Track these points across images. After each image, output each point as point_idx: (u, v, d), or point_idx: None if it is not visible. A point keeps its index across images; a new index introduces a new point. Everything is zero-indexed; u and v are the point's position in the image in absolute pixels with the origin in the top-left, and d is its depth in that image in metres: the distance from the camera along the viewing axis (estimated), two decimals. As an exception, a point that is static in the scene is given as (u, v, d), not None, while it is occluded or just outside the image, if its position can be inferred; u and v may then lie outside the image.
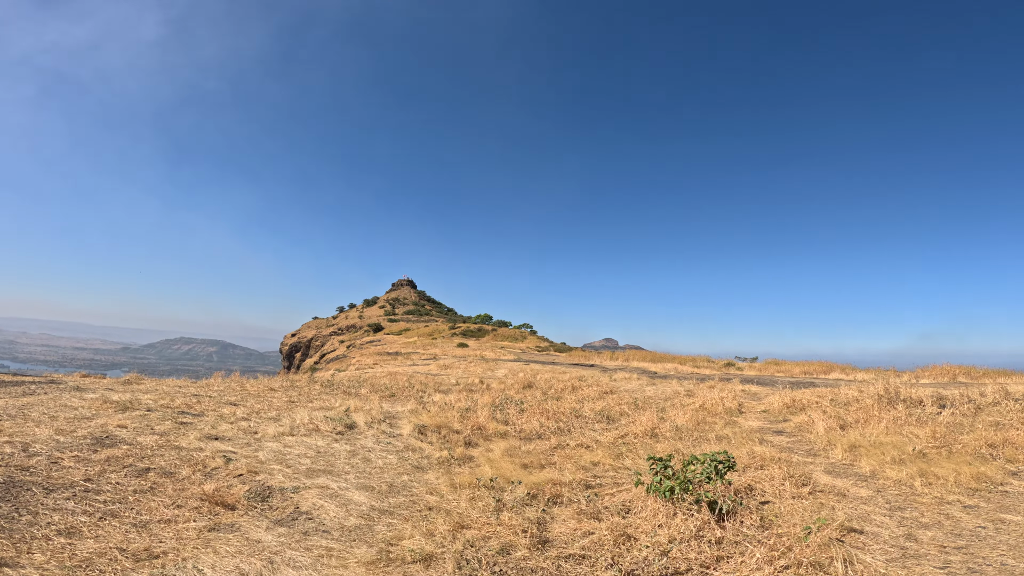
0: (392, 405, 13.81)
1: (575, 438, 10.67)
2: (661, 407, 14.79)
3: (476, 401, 14.69)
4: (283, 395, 14.57)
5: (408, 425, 10.42)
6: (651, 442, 10.40)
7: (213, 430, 8.75)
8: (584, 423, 12.53)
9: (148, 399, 11.77)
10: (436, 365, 35.22)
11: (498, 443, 10.21)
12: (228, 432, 8.71)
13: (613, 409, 14.32)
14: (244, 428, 9.18)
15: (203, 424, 9.14)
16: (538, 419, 12.53)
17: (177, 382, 17.17)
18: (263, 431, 8.98)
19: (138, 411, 9.83)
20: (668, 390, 20.16)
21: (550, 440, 10.56)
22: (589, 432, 11.30)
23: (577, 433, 11.25)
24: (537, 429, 11.51)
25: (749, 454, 8.22)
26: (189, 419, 9.50)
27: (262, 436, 8.70)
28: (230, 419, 9.86)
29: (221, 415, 10.27)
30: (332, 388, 17.22)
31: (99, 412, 9.43)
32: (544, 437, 10.99)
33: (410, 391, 17.34)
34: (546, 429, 11.55)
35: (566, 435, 11.09)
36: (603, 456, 8.84)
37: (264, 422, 9.89)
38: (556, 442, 10.31)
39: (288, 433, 8.92)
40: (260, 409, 11.49)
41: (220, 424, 9.26)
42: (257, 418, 10.31)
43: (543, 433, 11.32)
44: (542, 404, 14.50)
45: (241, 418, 10.14)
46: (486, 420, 11.85)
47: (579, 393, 18.45)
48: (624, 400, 16.42)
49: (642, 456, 8.79)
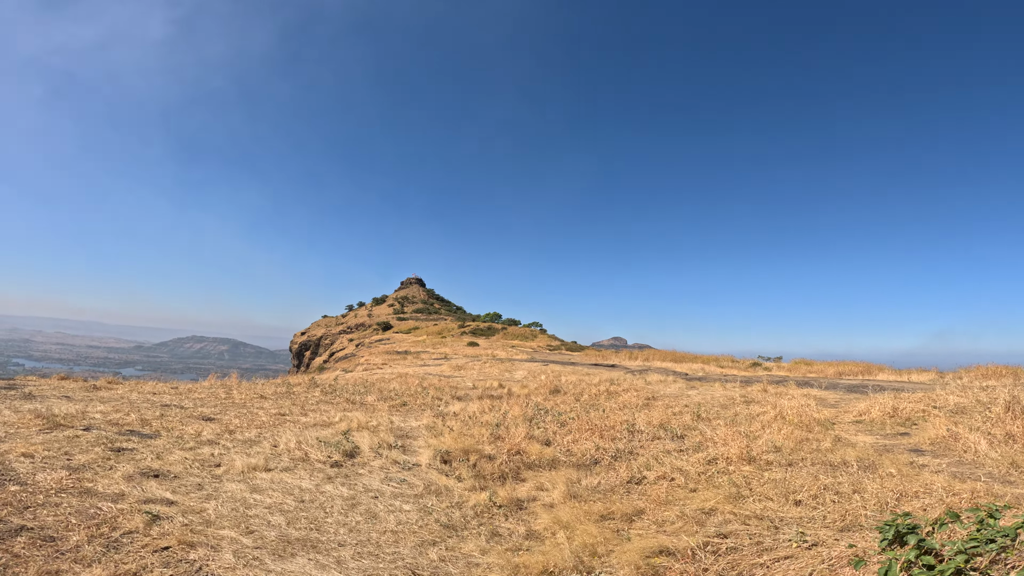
0: (404, 418, 11.27)
1: (647, 465, 8.06)
2: (732, 419, 12.10)
3: (504, 413, 12.12)
4: (273, 405, 12.09)
5: (427, 450, 7.87)
6: (753, 470, 7.75)
7: (157, 461, 6.26)
8: (646, 440, 9.90)
9: (100, 411, 9.34)
10: (448, 365, 32.75)
11: (548, 475, 7.65)
12: (178, 465, 6.21)
13: (672, 421, 11.65)
14: (204, 458, 6.68)
15: (148, 451, 6.66)
16: (588, 437, 9.94)
17: (155, 386, 14.79)
18: (229, 463, 6.47)
19: (70, 430, 7.40)
20: (717, 395, 17.46)
21: (616, 469, 7.97)
22: (661, 455, 8.69)
23: (645, 456, 8.64)
24: (592, 452, 8.91)
25: (946, 491, 5.53)
26: (133, 443, 7.02)
27: (225, 471, 6.19)
28: (190, 443, 7.37)
29: (181, 436, 7.79)
30: (334, 394, 14.73)
31: (17, 432, 7.00)
32: (605, 463, 8.41)
33: (424, 398, 14.80)
34: (603, 452, 8.95)
35: (632, 459, 8.50)
36: (711, 497, 6.21)
37: (236, 447, 7.40)
38: (626, 472, 7.70)
39: (263, 467, 6.40)
40: (238, 426, 9.01)
41: (172, 451, 6.76)
42: (228, 440, 7.82)
43: (600, 457, 8.72)
44: (585, 416, 11.90)
45: (207, 440, 7.65)
46: (524, 440, 9.28)
47: (618, 400, 15.80)
48: (675, 408, 13.76)
49: (770, 496, 6.14)
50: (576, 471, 7.97)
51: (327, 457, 7.19)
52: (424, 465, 7.36)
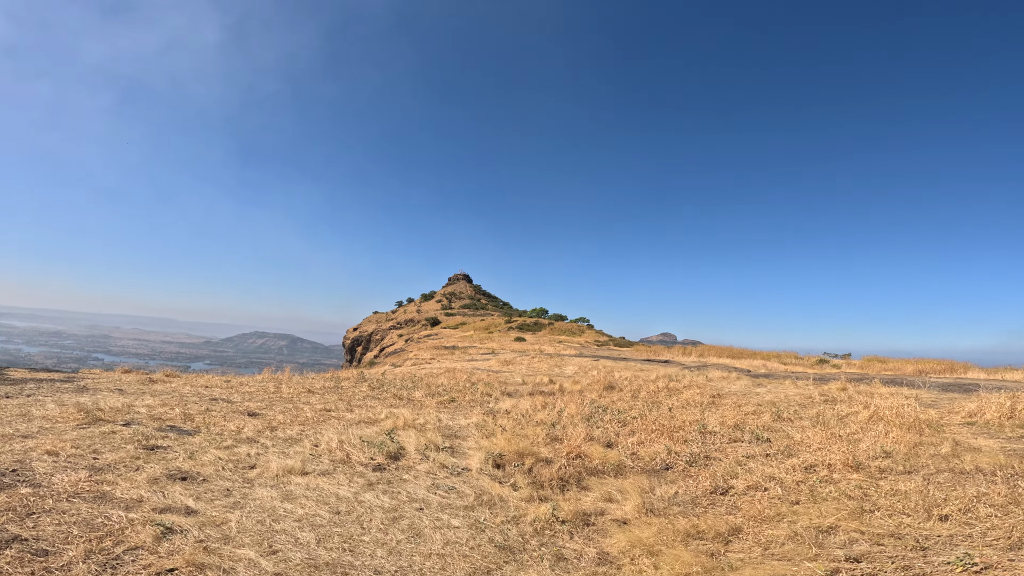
0: (452, 416, 10.57)
1: (731, 472, 6.94)
2: (817, 419, 10.66)
3: (560, 411, 11.20)
4: (320, 400, 11.70)
5: (478, 453, 7.07)
6: (863, 478, 6.49)
7: (189, 462, 5.76)
8: (722, 443, 8.72)
9: (147, 405, 9.14)
10: (496, 360, 32.14)
11: (615, 483, 6.68)
12: (210, 466, 5.69)
13: (748, 422, 10.35)
14: (239, 458, 6.15)
15: (182, 450, 6.20)
16: (655, 438, 8.87)
17: (209, 379, 14.83)
18: (264, 465, 5.90)
19: (109, 425, 7.10)
20: (790, 393, 15.81)
21: (695, 477, 6.89)
22: (745, 460, 7.52)
23: (727, 462, 7.51)
24: (662, 456, 7.85)
25: None
26: (169, 440, 6.61)
27: (259, 475, 5.62)
28: (228, 441, 6.90)
29: (221, 433, 7.36)
30: (382, 390, 14.28)
31: (53, 427, 6.75)
32: (679, 469, 7.34)
33: (473, 394, 14.10)
34: (675, 456, 7.87)
35: (710, 465, 7.40)
36: (825, 512, 5.06)
37: (274, 447, 6.87)
38: (708, 481, 6.62)
39: (299, 470, 5.78)
40: (280, 423, 8.55)
41: (207, 450, 6.28)
42: (268, 438, 7.32)
43: (673, 462, 7.66)
44: (648, 415, 10.80)
45: (246, 438, 7.18)
46: (584, 441, 8.33)
47: (679, 397, 14.52)
48: (747, 408, 12.38)
49: (903, 510, 4.93)
50: (647, 478, 6.95)
51: (369, 459, 6.52)
52: (475, 470, 6.56)
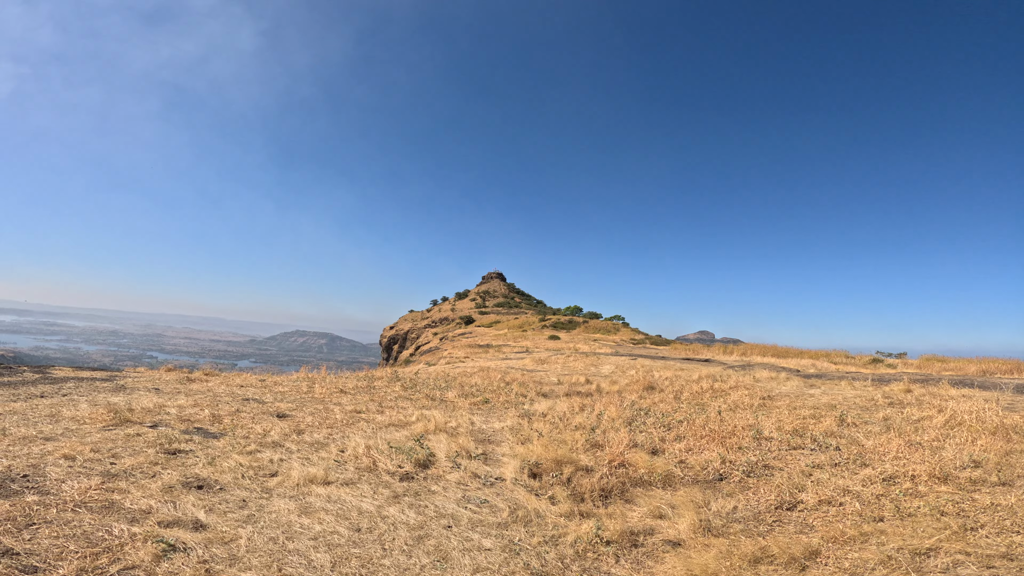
0: (486, 418, 10.09)
1: (796, 483, 6.16)
2: (886, 424, 9.64)
3: (599, 414, 10.56)
4: (351, 401, 11.44)
5: (512, 461, 6.55)
6: (952, 491, 5.62)
7: (208, 468, 5.47)
8: (781, 450, 7.90)
9: (179, 405, 9.05)
10: (530, 359, 31.60)
11: (664, 495, 6.03)
12: (229, 474, 5.37)
13: (809, 427, 9.43)
14: (261, 465, 5.82)
15: (204, 455, 5.93)
16: (706, 445, 8.13)
17: (245, 378, 14.88)
18: (286, 472, 5.55)
19: (135, 427, 6.95)
20: (847, 395, 14.60)
21: (755, 489, 6.15)
22: (810, 469, 6.72)
23: (789, 472, 6.72)
24: (715, 465, 7.12)
25: None
26: (193, 444, 6.37)
27: (279, 484, 5.26)
28: (252, 445, 6.61)
29: (247, 436, 7.10)
30: (414, 390, 13.97)
31: (79, 428, 6.63)
32: (735, 480, 6.61)
33: (507, 395, 13.60)
34: (730, 465, 7.12)
35: (770, 475, 6.63)
36: (920, 531, 4.28)
37: (299, 452, 6.54)
38: (772, 494, 5.87)
39: (321, 479, 5.40)
40: (309, 425, 8.26)
41: (229, 456, 5.99)
42: (294, 443, 7.01)
43: (728, 472, 6.92)
44: (695, 419, 10.03)
45: (272, 442, 6.89)
46: (627, 448, 7.68)
47: (726, 399, 13.59)
48: (803, 411, 11.39)
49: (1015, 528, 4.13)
50: (699, 490, 6.26)
51: (397, 467, 6.09)
52: (509, 480, 6.04)
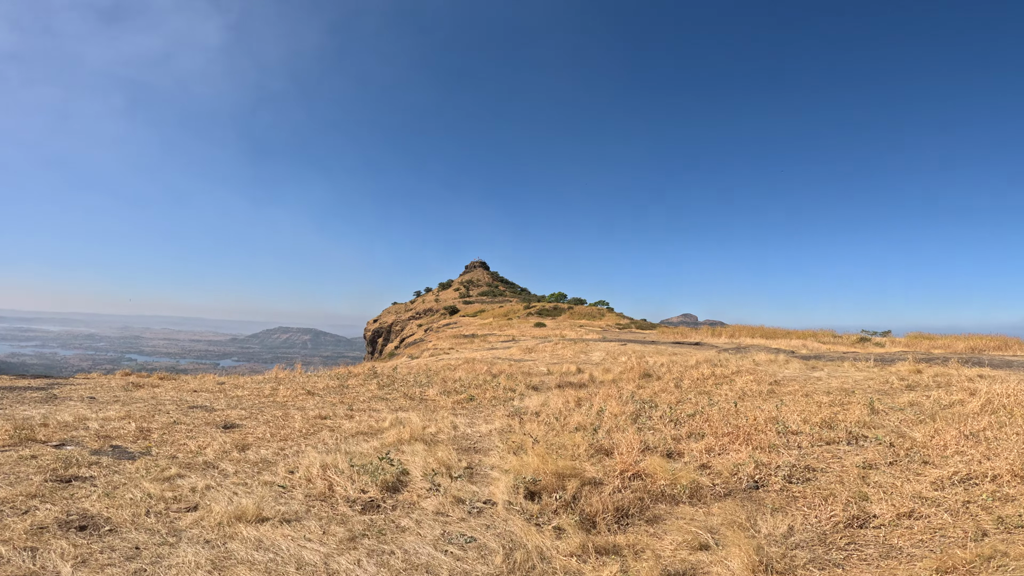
0: (471, 419, 8.82)
1: (856, 491, 5.04)
2: (921, 411, 8.62)
3: (598, 410, 9.37)
4: (318, 404, 10.08)
5: (504, 477, 5.30)
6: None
7: (103, 501, 4.12)
8: (812, 446, 6.79)
9: (103, 418, 7.59)
10: (517, 348, 30.44)
11: (697, 513, 4.86)
12: (127, 509, 4.03)
13: (837, 417, 8.33)
14: (177, 495, 4.48)
15: (105, 482, 4.57)
16: (729, 444, 6.99)
17: (202, 382, 13.40)
18: (208, 506, 4.22)
19: (36, 447, 5.53)
20: (856, 377, 13.70)
21: (808, 500, 5.01)
22: (862, 471, 5.61)
23: (838, 475, 5.61)
24: (748, 469, 5.96)
25: None
26: (97, 469, 4.99)
27: (195, 522, 3.94)
28: (174, 468, 5.25)
29: (173, 456, 5.74)
30: (392, 388, 12.63)
31: (-44, 459, 5.22)
32: (775, 488, 5.47)
33: (494, 389, 12.36)
34: (764, 468, 5.97)
35: (816, 479, 5.52)
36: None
37: (235, 476, 5.20)
38: (836, 507, 4.73)
39: (253, 515, 4.09)
40: (258, 438, 6.91)
41: (139, 483, 4.63)
42: (234, 462, 5.67)
43: (764, 478, 5.77)
44: (709, 412, 8.90)
45: (203, 463, 5.54)
46: (639, 453, 6.50)
47: (732, 387, 12.54)
48: (821, 398, 10.37)
49: None
50: (737, 504, 5.10)
51: (359, 493, 4.81)
52: (501, 504, 4.79)
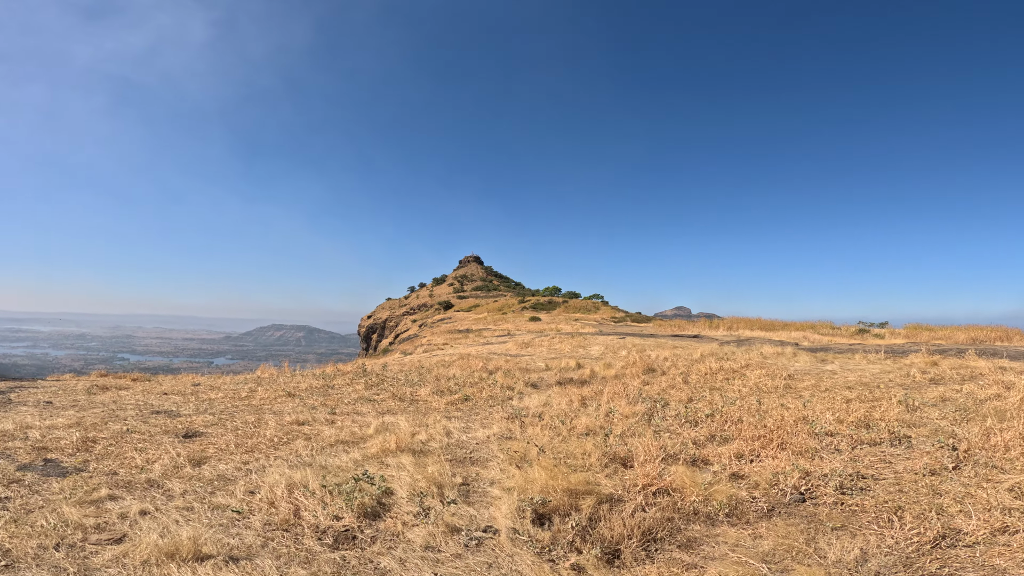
0: (467, 423, 7.94)
1: (930, 502, 4.22)
2: (958, 406, 7.82)
3: (607, 411, 8.52)
4: (297, 408, 9.18)
5: (506, 497, 4.44)
6: None
7: (11, 527, 3.24)
8: (851, 447, 5.97)
9: (47, 426, 6.66)
10: (513, 343, 29.57)
11: (745, 537, 4.02)
12: (34, 539, 3.14)
13: (873, 415, 7.51)
14: (102, 522, 3.60)
15: (19, 505, 3.68)
16: (761, 448, 6.15)
17: (175, 383, 12.46)
18: (137, 537, 3.34)
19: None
20: (873, 370, 12.97)
21: (869, 514, 4.20)
22: (926, 478, 4.79)
23: (892, 481, 4.80)
24: (792, 479, 5.12)
25: None
26: (19, 487, 4.09)
27: (115, 558, 3.05)
28: (105, 489, 4.36)
29: (114, 472, 4.84)
30: (380, 387, 11.73)
31: None
32: (827, 501, 4.65)
33: (491, 388, 11.48)
34: (810, 477, 5.14)
35: (872, 489, 4.70)
36: None
37: (182, 496, 4.31)
38: (930, 528, 3.91)
39: (190, 551, 3.20)
40: (220, 449, 6.01)
41: (58, 507, 3.73)
42: (183, 480, 4.78)
43: (812, 488, 4.92)
44: (730, 411, 8.07)
45: (145, 482, 4.65)
46: (662, 463, 5.65)
47: (744, 382, 11.73)
48: (844, 393, 9.61)
49: None
50: (787, 522, 4.27)
51: (331, 520, 3.94)
52: (504, 532, 3.94)
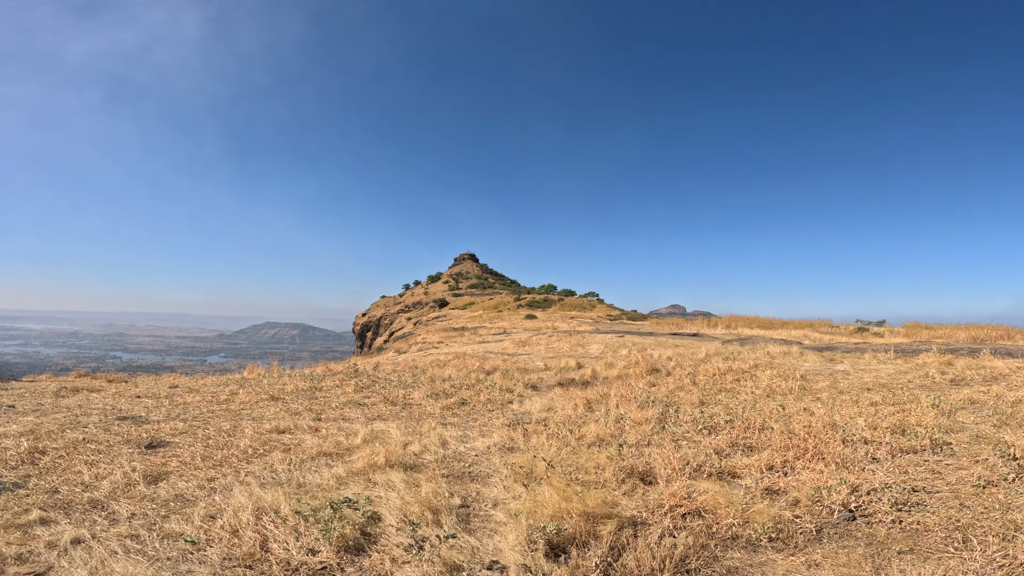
0: (464, 430, 7.26)
1: (1010, 520, 3.61)
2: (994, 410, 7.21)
3: (617, 417, 7.87)
4: (279, 413, 8.47)
5: (513, 523, 3.78)
6: None
7: None
8: (889, 456, 5.35)
9: (4, 431, 5.97)
10: (510, 341, 28.88)
11: (799, 567, 3.40)
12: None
13: (910, 420, 6.89)
14: (28, 552, 2.93)
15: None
16: (794, 459, 5.53)
17: (152, 385, 11.73)
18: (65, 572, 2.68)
19: None
20: (888, 371, 12.45)
21: (937, 535, 3.57)
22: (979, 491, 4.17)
23: (950, 495, 4.18)
24: (840, 494, 4.48)
25: None
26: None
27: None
28: (36, 512, 3.69)
29: (54, 490, 4.16)
30: (372, 389, 11.04)
31: None
32: (884, 519, 4.02)
33: (490, 390, 10.82)
34: (861, 493, 4.51)
35: (930, 505, 4.07)
36: None
37: (127, 523, 3.64)
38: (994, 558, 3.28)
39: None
40: (184, 463, 5.33)
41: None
42: (133, 501, 4.10)
43: (862, 505, 4.31)
44: (750, 417, 7.43)
45: (87, 503, 3.97)
46: (687, 478, 5.01)
47: (756, 383, 11.12)
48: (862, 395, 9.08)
49: None
50: (843, 548, 3.64)
51: (305, 554, 3.28)
52: (513, 568, 3.28)
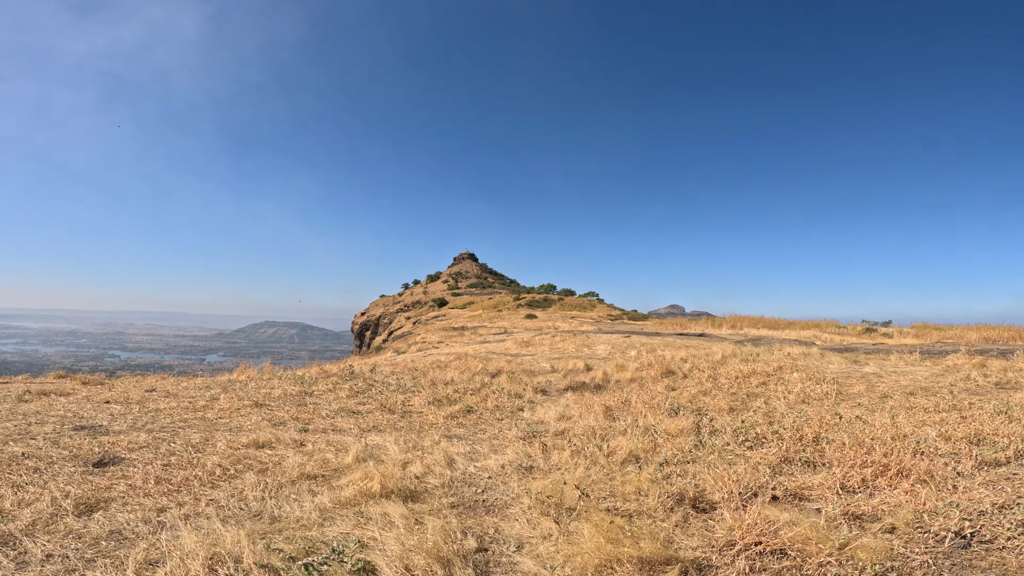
0: (472, 443, 6.30)
1: None
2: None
3: (648, 427, 6.92)
4: (259, 423, 7.52)
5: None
6: None
7: None
8: (981, 473, 4.42)
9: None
10: (512, 341, 27.92)
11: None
12: None
13: (986, 430, 5.95)
14: None
15: None
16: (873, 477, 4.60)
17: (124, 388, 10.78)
18: None
19: None
20: (921, 373, 11.57)
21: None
22: None
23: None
24: (949, 519, 3.57)
25: None
26: None
27: None
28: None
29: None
30: (367, 394, 10.08)
31: None
32: (1007, 547, 3.11)
33: (497, 395, 9.86)
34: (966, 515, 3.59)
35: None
36: None
37: (46, 562, 2.73)
38: None
39: None
40: (134, 487, 4.39)
41: None
42: (58, 534, 3.18)
43: (974, 532, 3.39)
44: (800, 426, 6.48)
45: None
46: (752, 505, 4.11)
47: (786, 387, 10.19)
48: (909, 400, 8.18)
49: None
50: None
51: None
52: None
